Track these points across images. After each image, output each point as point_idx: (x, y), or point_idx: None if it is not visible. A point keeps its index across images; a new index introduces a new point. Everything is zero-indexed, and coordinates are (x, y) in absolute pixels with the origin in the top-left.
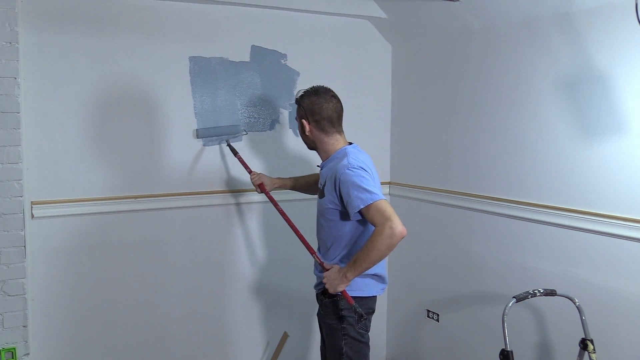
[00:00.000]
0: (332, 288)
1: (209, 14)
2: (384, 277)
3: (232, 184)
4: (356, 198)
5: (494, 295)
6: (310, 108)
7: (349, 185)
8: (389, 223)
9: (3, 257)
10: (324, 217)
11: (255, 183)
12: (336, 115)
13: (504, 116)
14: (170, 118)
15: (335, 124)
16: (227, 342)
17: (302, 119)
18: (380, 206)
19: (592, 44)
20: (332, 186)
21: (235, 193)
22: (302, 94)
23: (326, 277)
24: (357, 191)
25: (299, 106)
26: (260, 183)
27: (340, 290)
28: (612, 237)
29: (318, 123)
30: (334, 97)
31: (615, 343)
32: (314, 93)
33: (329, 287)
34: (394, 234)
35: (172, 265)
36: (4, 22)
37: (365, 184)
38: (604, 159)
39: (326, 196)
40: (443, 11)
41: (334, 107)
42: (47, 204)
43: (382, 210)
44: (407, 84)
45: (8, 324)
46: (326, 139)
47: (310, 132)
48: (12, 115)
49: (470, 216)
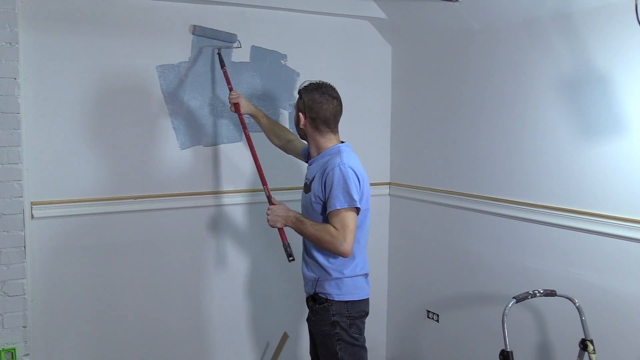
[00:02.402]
0: (271, 222)
1: (209, 14)
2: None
3: (231, 185)
4: (337, 198)
5: (494, 296)
6: (309, 105)
7: (336, 183)
8: (342, 239)
9: (3, 258)
10: (308, 211)
11: (233, 101)
12: (333, 117)
13: (504, 116)
14: (170, 118)
15: (331, 125)
16: (227, 343)
17: (300, 112)
18: (347, 220)
19: (593, 44)
20: (320, 180)
21: (236, 194)
22: (306, 87)
23: (270, 210)
24: (341, 192)
25: (300, 98)
26: (236, 102)
27: (277, 227)
28: (613, 238)
29: (314, 121)
30: (335, 98)
31: (615, 343)
32: (317, 90)
33: (269, 219)
34: (338, 249)
35: (172, 265)
36: (4, 23)
37: (351, 189)
38: (605, 160)
39: (312, 190)
40: (443, 12)
41: (333, 110)
42: (47, 204)
43: (345, 224)
44: (407, 84)
45: (8, 324)
46: (318, 137)
47: (305, 126)
48: (12, 115)
49: (470, 216)
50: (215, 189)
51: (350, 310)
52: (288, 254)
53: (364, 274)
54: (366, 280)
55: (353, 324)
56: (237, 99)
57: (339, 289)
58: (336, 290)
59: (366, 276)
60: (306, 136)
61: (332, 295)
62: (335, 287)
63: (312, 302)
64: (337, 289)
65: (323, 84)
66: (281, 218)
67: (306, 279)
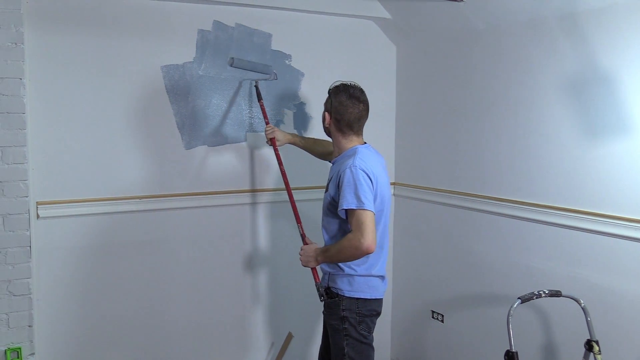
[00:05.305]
0: (304, 262)
1: (214, 14)
2: (385, 277)
3: (236, 185)
4: (345, 198)
5: (499, 296)
6: (335, 107)
7: (346, 184)
8: (360, 236)
9: (9, 257)
10: (325, 210)
11: (269, 136)
12: (357, 121)
13: (509, 116)
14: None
15: (354, 128)
16: (232, 342)
17: (327, 111)
18: (362, 217)
19: (598, 44)
20: (335, 181)
21: (242, 193)
22: (337, 88)
23: (303, 250)
24: (350, 194)
25: (329, 97)
26: (272, 137)
27: (309, 267)
28: (618, 238)
29: (338, 122)
30: (362, 102)
31: (621, 344)
32: (345, 93)
33: (301, 259)
34: (360, 247)
35: (177, 265)
36: (10, 23)
37: (360, 191)
38: (610, 160)
39: (329, 190)
40: (448, 11)
41: (358, 114)
42: (53, 204)
43: (360, 222)
44: (412, 84)
45: (13, 323)
46: (340, 137)
47: (329, 125)
48: (18, 115)
49: (475, 217)
50: (220, 189)
51: (360, 308)
52: (320, 294)
53: (380, 276)
54: (382, 282)
55: (362, 322)
56: (273, 133)
57: (350, 285)
58: (347, 286)
59: (382, 278)
60: (330, 136)
61: (343, 291)
62: (347, 284)
63: (325, 296)
64: (348, 285)
65: (352, 86)
66: (312, 258)
67: (322, 272)
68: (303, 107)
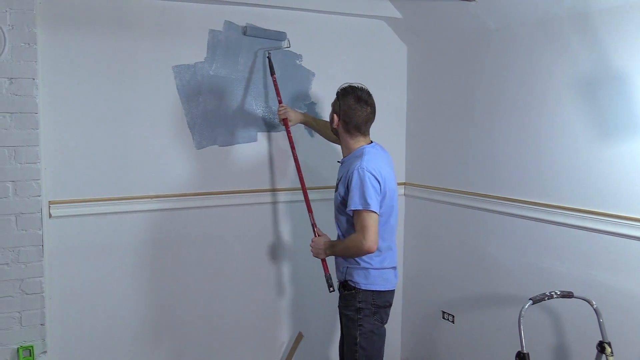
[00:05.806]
0: (314, 253)
1: (225, 14)
2: (396, 268)
3: (247, 185)
4: (352, 200)
5: (510, 297)
6: (343, 109)
7: (354, 186)
8: (362, 237)
9: (21, 256)
10: (336, 208)
11: (281, 117)
12: (364, 124)
13: (521, 116)
14: (185, 118)
15: (362, 130)
16: (243, 341)
17: (335, 113)
18: (366, 219)
19: (610, 43)
20: (345, 181)
21: (256, 193)
22: (345, 91)
23: (314, 242)
24: (357, 195)
25: (337, 99)
26: (285, 118)
27: (319, 258)
28: (631, 239)
29: (346, 124)
30: (370, 105)
31: (634, 346)
32: (353, 95)
33: (312, 250)
34: (361, 248)
35: (189, 264)
36: (23, 24)
37: (367, 193)
38: (622, 160)
39: (338, 190)
40: (459, 11)
41: (365, 117)
42: (65, 203)
43: (364, 224)
44: (423, 84)
45: (26, 322)
46: (348, 138)
47: (337, 127)
48: (31, 115)
49: (486, 217)
50: (231, 189)
51: (376, 300)
52: (329, 284)
53: (392, 267)
54: (394, 273)
55: (377, 313)
56: (286, 113)
57: (366, 278)
58: (363, 280)
59: (394, 268)
60: (338, 137)
61: (359, 284)
62: (363, 277)
63: (342, 289)
64: (364, 278)
65: (360, 89)
66: (322, 250)
67: (337, 265)
68: (314, 106)
